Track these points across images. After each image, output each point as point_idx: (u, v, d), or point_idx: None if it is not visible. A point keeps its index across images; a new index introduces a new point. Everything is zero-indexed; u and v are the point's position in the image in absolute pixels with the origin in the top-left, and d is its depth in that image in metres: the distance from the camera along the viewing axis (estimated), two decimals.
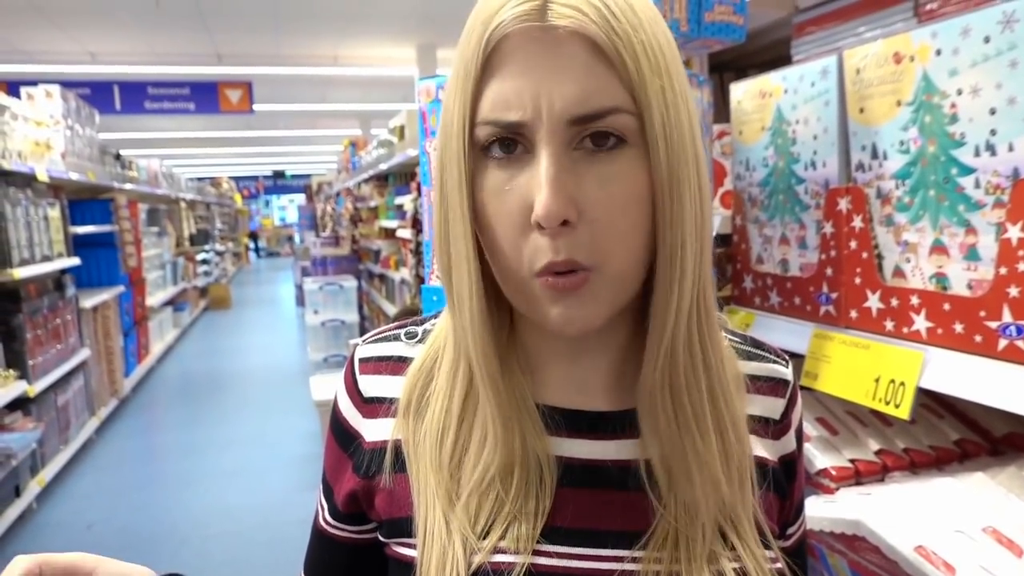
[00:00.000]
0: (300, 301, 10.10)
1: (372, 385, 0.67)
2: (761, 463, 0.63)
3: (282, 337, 9.57)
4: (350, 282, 6.97)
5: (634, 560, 0.57)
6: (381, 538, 0.66)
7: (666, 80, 0.52)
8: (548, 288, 0.53)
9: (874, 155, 1.01)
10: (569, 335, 0.55)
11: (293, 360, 7.90)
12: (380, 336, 0.70)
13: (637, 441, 0.59)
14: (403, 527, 0.62)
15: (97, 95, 8.36)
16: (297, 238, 16.28)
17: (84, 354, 5.16)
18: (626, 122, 0.51)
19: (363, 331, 7.32)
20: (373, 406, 0.67)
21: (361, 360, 0.69)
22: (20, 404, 4.06)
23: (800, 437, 0.70)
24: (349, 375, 0.69)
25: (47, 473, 4.35)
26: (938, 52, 0.89)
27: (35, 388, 4.11)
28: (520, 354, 0.62)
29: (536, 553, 0.58)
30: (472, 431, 0.60)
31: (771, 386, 0.67)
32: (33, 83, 5.19)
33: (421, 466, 0.61)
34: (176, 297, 9.72)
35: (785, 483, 0.66)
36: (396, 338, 0.69)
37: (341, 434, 0.69)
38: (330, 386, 4.60)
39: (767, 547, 0.60)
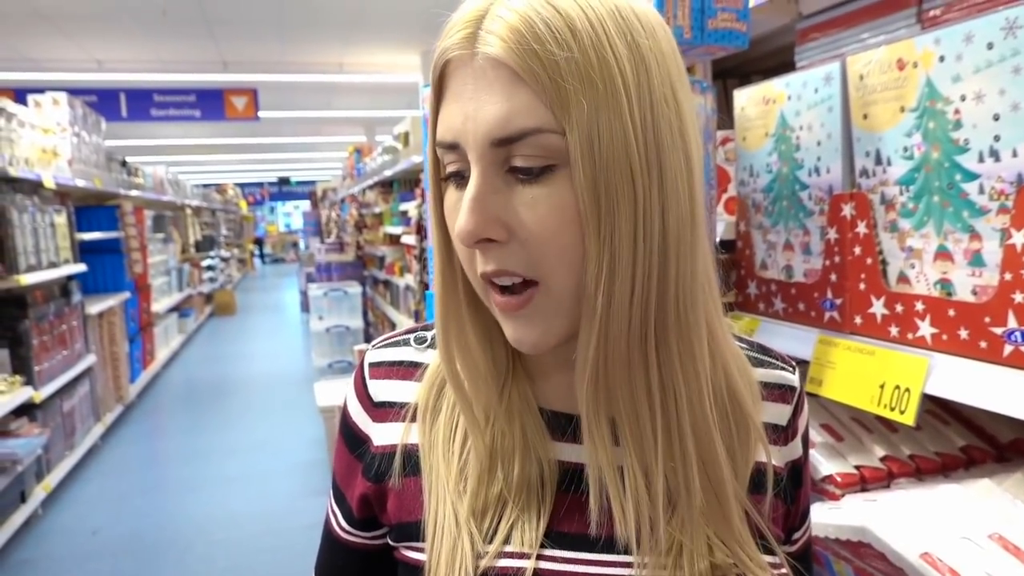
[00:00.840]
0: (305, 307, 10.12)
1: (382, 390, 0.69)
2: (766, 469, 0.63)
3: (287, 343, 9.59)
4: (355, 288, 6.98)
5: (637, 566, 0.57)
6: (391, 542, 0.67)
7: (605, 96, 0.50)
8: (498, 307, 0.56)
9: (878, 161, 1.01)
10: (526, 352, 0.58)
11: (298, 366, 7.91)
12: (390, 341, 0.72)
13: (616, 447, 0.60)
14: (412, 531, 0.64)
15: (104, 102, 8.41)
16: (302, 244, 16.33)
17: (90, 360, 5.18)
18: (551, 142, 0.51)
19: (368, 337, 7.32)
20: (383, 410, 0.68)
21: (371, 365, 0.70)
22: (26, 410, 4.07)
23: (806, 443, 0.71)
24: (359, 380, 0.70)
25: (53, 479, 4.36)
26: (941, 58, 0.89)
27: (41, 394, 4.12)
28: (525, 359, 0.64)
29: (540, 558, 0.58)
30: None
31: (778, 392, 0.68)
32: (40, 90, 5.22)
33: (436, 461, 0.63)
34: (181, 303, 9.74)
35: (791, 489, 0.67)
36: (406, 343, 0.71)
37: (351, 438, 0.70)
38: (335, 392, 4.61)
39: (771, 552, 0.61)
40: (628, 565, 0.58)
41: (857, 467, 1.11)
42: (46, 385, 4.23)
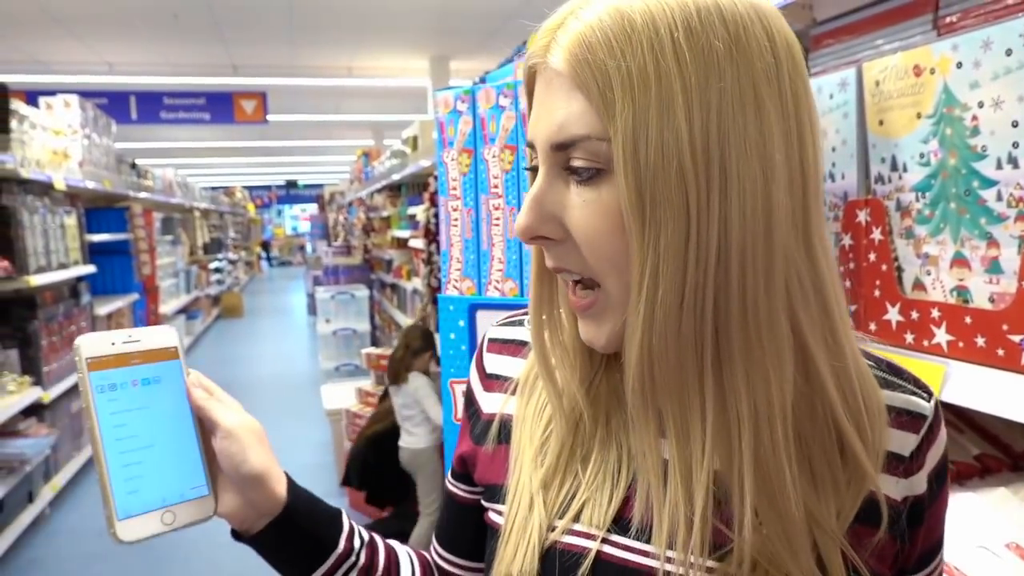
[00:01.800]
0: (312, 310, 10.15)
1: (494, 363, 0.76)
2: (878, 500, 0.58)
3: (294, 346, 9.61)
4: (362, 291, 7.00)
5: (706, 570, 0.55)
6: (483, 502, 0.72)
7: (657, 101, 0.49)
8: (571, 305, 0.60)
9: (894, 167, 1.01)
10: (600, 351, 0.60)
11: (304, 369, 7.92)
12: (509, 320, 0.78)
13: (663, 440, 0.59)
14: (496, 493, 0.69)
15: (114, 105, 8.46)
16: (309, 247, 16.38)
17: None
18: (600, 148, 0.52)
19: (374, 340, 7.33)
20: (492, 381, 0.75)
21: (490, 340, 0.78)
22: (34, 410, 4.10)
23: (938, 482, 0.63)
24: (479, 352, 0.78)
25: (60, 479, 4.38)
26: (959, 65, 0.89)
27: (49, 394, 4.14)
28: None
29: (606, 542, 0.59)
30: None
31: (905, 420, 0.61)
32: (52, 93, 5.26)
33: (523, 435, 0.67)
34: (189, 305, 9.78)
35: (907, 527, 0.61)
36: (520, 324, 0.76)
37: (468, 402, 0.78)
38: (341, 395, 4.61)
39: None
40: (697, 567, 0.56)
41: None
42: (54, 386, 4.25)
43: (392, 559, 0.77)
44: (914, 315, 0.99)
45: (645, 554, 0.59)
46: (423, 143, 5.13)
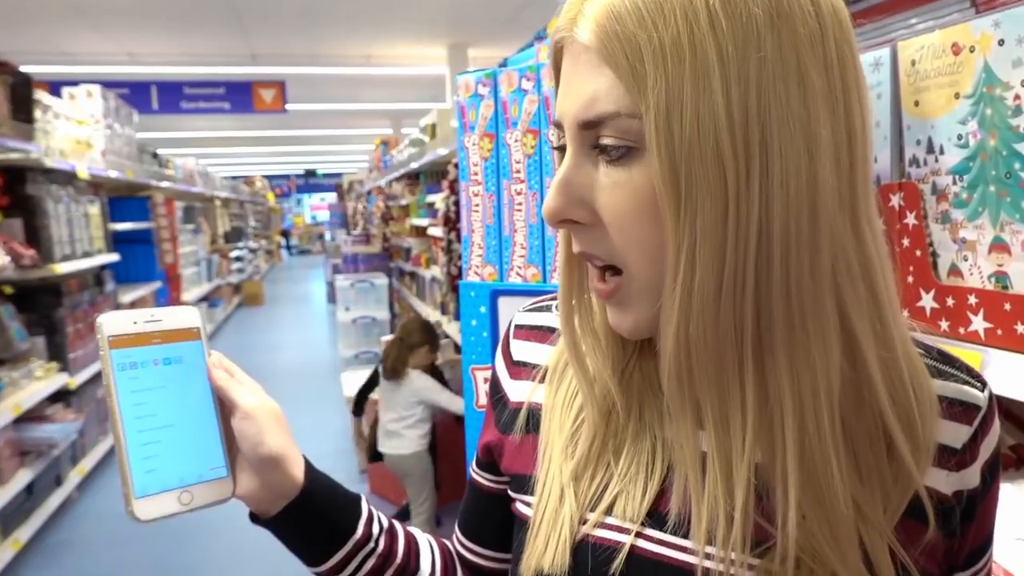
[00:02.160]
0: (331, 298, 10.20)
1: (521, 350, 0.73)
2: (928, 495, 0.55)
3: (313, 333, 9.68)
4: (381, 280, 7.01)
5: (747, 567, 0.53)
6: (510, 492, 0.70)
7: (691, 74, 0.47)
8: (595, 291, 0.58)
9: (929, 149, 0.98)
10: (627, 337, 0.58)
11: (324, 356, 7.98)
12: (537, 306, 0.75)
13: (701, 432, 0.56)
14: (524, 483, 0.67)
15: (135, 95, 8.52)
16: (328, 236, 16.46)
17: None
18: (631, 126, 0.49)
19: (393, 328, 7.34)
20: (519, 368, 0.72)
21: (517, 326, 0.75)
22: (61, 396, 4.16)
23: (991, 476, 0.60)
24: (505, 338, 0.75)
25: (87, 463, 4.45)
26: (1000, 42, 0.86)
27: (75, 380, 4.20)
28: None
29: (640, 536, 0.57)
30: None
31: (957, 410, 0.58)
32: (74, 83, 5.30)
33: (552, 424, 0.65)
34: (210, 293, 9.87)
35: (957, 522, 0.58)
36: (548, 309, 0.74)
37: (493, 389, 0.76)
38: (361, 382, 4.63)
39: None
40: (736, 563, 0.53)
41: None
42: (80, 372, 4.31)
43: (412, 547, 0.76)
44: (950, 302, 0.97)
45: (682, 549, 0.56)
46: (441, 131, 5.11)
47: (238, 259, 13.31)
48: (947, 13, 1.14)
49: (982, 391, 0.60)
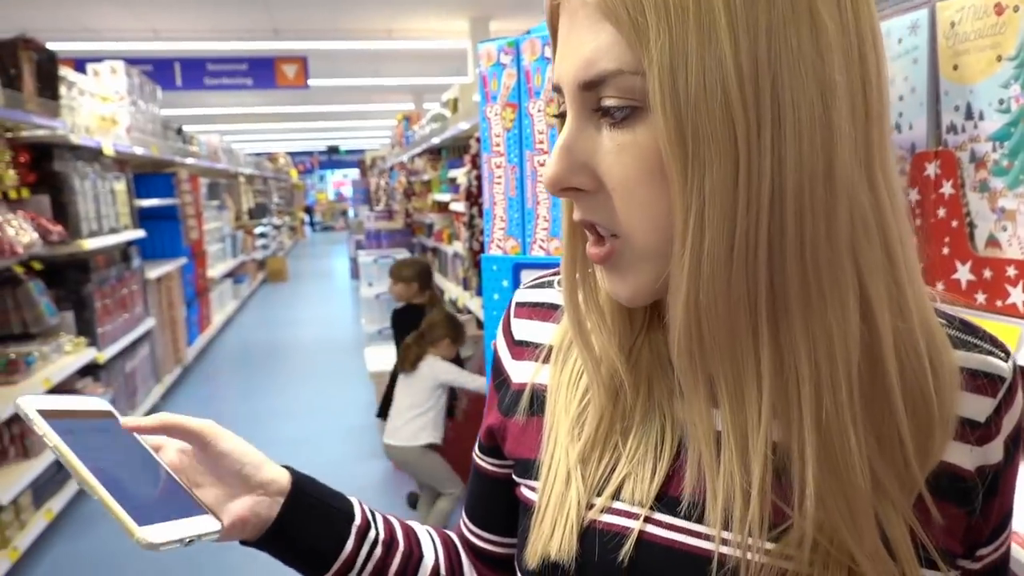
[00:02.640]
0: (354, 274, 10.26)
1: (523, 329, 0.70)
2: (949, 471, 0.54)
3: (337, 309, 9.75)
4: (404, 255, 7.03)
5: (760, 551, 0.50)
6: (514, 477, 0.68)
7: (696, 26, 0.44)
8: (591, 256, 0.55)
9: (968, 115, 0.95)
10: (626, 305, 0.56)
11: (348, 332, 8.04)
12: (538, 282, 0.73)
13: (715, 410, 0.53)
14: (529, 468, 0.65)
15: (159, 71, 8.56)
16: (351, 212, 16.52)
17: (149, 323, 5.34)
18: (635, 84, 0.47)
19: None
20: (521, 348, 0.70)
21: (518, 304, 0.72)
22: (90, 370, 4.23)
23: (1014, 448, 0.57)
24: (506, 317, 0.73)
25: None
26: None
27: (104, 355, 4.27)
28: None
29: (649, 520, 0.55)
30: None
31: (981, 382, 0.55)
32: (99, 60, 5.33)
33: (557, 405, 0.62)
34: (236, 269, 9.98)
35: (979, 498, 0.55)
36: (551, 285, 0.71)
37: (495, 371, 0.73)
38: (384, 358, 4.67)
39: (934, 567, 0.52)
40: (749, 548, 0.51)
41: None
42: (109, 347, 4.39)
43: (411, 536, 0.75)
44: (987, 274, 0.93)
45: (694, 534, 0.54)
46: (463, 106, 5.08)
47: (262, 235, 13.41)
48: None
49: (1006, 361, 0.57)
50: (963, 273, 0.97)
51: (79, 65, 5.31)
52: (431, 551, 0.75)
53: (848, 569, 0.50)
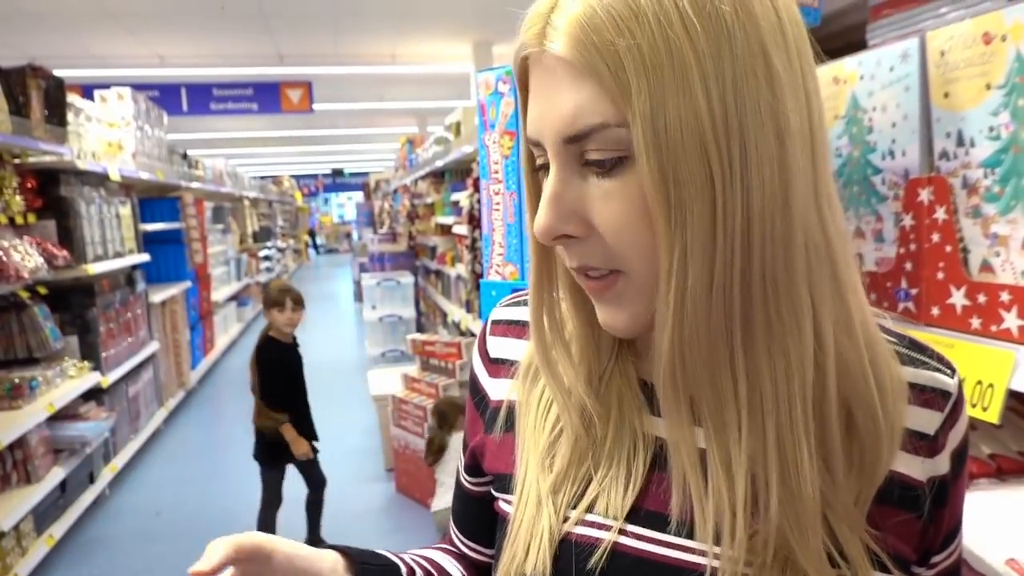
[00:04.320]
0: (358, 297, 10.27)
1: (498, 346, 0.72)
2: (901, 481, 0.57)
3: (341, 332, 9.75)
4: (407, 278, 7.05)
5: (720, 558, 0.54)
6: (492, 491, 0.70)
7: (671, 79, 0.47)
8: (587, 290, 0.57)
9: (960, 142, 0.96)
10: (619, 336, 0.58)
11: (351, 355, 8.03)
12: (514, 301, 0.75)
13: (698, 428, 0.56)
14: (505, 483, 0.67)
15: (165, 97, 8.65)
16: (355, 235, 16.58)
17: (153, 347, 5.35)
18: (619, 135, 0.49)
19: (420, 326, 7.39)
20: (497, 366, 0.72)
21: (493, 322, 0.74)
22: (94, 394, 4.23)
23: (960, 461, 0.61)
24: (482, 336, 0.75)
25: (119, 460, 4.53)
26: None
27: (108, 379, 4.27)
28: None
29: (622, 532, 0.58)
30: None
31: (928, 397, 0.59)
32: (106, 86, 5.39)
33: (527, 428, 0.64)
34: (240, 292, 10.00)
35: (932, 507, 0.58)
36: (527, 303, 0.71)
37: (474, 391, 0.74)
38: (388, 380, 4.66)
39: (886, 571, 0.55)
40: (705, 553, 0.55)
41: None
42: (113, 370, 4.39)
43: (440, 570, 0.76)
44: (981, 299, 0.94)
45: (671, 546, 0.57)
46: (466, 129, 5.12)
47: (267, 258, 13.46)
48: (978, 1, 1.11)
49: (952, 378, 0.60)
50: (958, 298, 0.97)
51: (87, 92, 5.38)
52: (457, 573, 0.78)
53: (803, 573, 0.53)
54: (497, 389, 0.71)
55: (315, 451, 3.52)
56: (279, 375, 3.48)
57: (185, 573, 0.59)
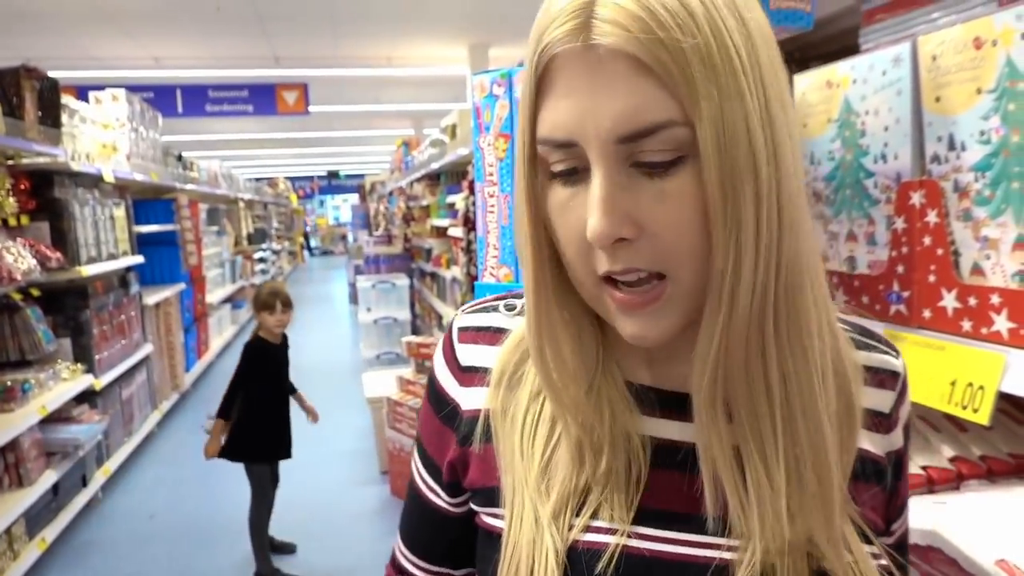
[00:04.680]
0: (353, 299, 10.26)
1: (469, 354, 0.69)
2: (868, 457, 0.62)
3: (336, 334, 9.73)
4: (402, 280, 7.05)
5: (731, 549, 0.56)
6: (473, 506, 0.67)
7: (727, 81, 0.48)
8: (618, 304, 0.54)
9: (951, 146, 0.96)
10: (644, 347, 0.57)
11: (346, 357, 8.02)
12: (480, 307, 0.72)
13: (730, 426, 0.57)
14: (492, 496, 0.64)
15: (161, 98, 8.64)
16: (351, 237, 16.58)
17: (147, 349, 5.33)
18: (680, 135, 0.49)
19: (415, 329, 7.39)
20: (470, 375, 0.68)
21: (460, 329, 0.70)
22: (87, 397, 4.21)
23: (908, 433, 0.68)
24: (448, 344, 0.71)
25: (112, 463, 4.51)
26: None
27: (101, 381, 4.26)
28: (613, 332, 0.60)
29: (629, 535, 0.58)
30: None
31: (882, 378, 0.65)
32: (100, 87, 5.38)
33: (509, 439, 0.62)
34: (234, 295, 9.97)
35: (891, 479, 0.65)
36: (495, 309, 0.71)
37: (439, 403, 0.70)
38: (382, 383, 4.66)
39: (869, 542, 0.59)
40: (723, 548, 0.57)
41: (924, 468, 1.06)
42: (106, 373, 4.37)
43: None
44: (972, 301, 0.94)
45: (682, 543, 0.58)
46: (461, 131, 5.12)
47: (261, 260, 13.43)
48: (970, 6, 1.12)
49: (897, 359, 0.67)
50: (949, 301, 0.98)
51: (81, 93, 5.36)
52: None
53: (807, 554, 0.56)
54: (470, 398, 0.67)
55: (262, 463, 3.48)
56: (264, 373, 3.56)
57: None
